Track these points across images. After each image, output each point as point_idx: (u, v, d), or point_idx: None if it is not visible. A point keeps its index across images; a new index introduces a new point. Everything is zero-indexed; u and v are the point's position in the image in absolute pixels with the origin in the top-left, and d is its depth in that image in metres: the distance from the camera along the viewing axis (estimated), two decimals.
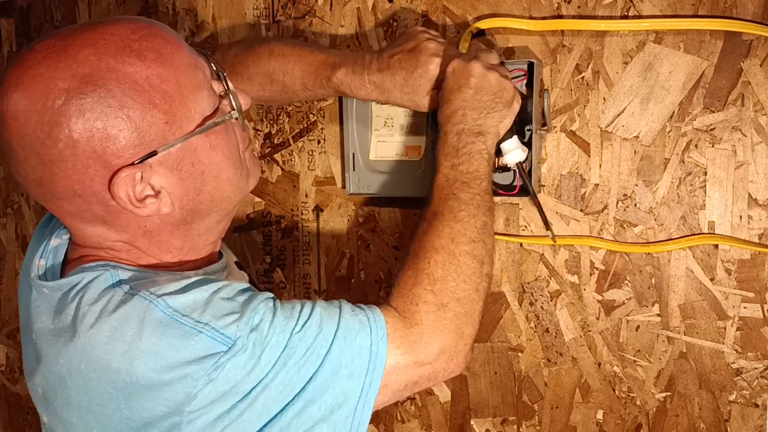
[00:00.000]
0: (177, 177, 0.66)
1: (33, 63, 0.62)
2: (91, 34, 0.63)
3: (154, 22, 0.67)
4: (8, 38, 1.26)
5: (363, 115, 0.97)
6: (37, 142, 0.61)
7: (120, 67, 0.62)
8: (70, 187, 0.64)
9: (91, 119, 0.61)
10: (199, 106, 0.66)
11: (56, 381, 0.66)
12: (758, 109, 0.84)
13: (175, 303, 0.63)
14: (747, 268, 0.86)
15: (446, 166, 0.78)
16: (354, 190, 0.99)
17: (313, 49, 0.88)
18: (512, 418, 0.99)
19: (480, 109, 0.79)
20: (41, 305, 0.69)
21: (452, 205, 0.76)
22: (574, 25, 0.88)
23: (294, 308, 0.67)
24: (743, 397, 0.88)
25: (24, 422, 1.38)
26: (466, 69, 0.79)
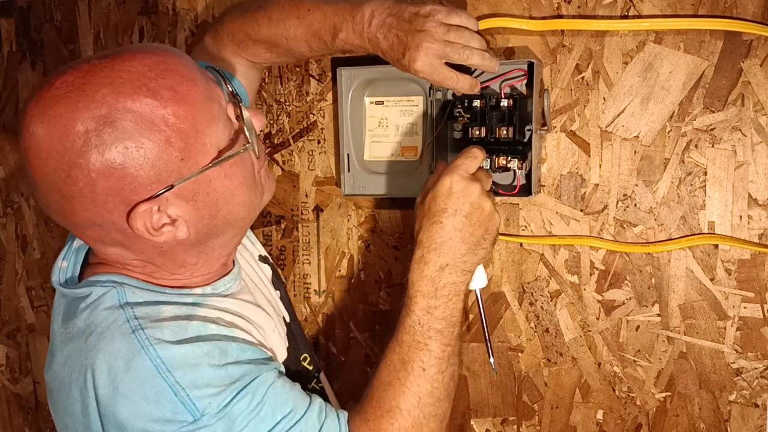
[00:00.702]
0: (192, 207, 0.68)
1: (53, 101, 0.63)
2: (108, 72, 0.63)
3: (170, 53, 0.67)
4: (8, 38, 1.26)
5: (357, 116, 0.97)
6: (58, 179, 0.63)
7: (137, 107, 0.63)
8: (90, 219, 0.66)
9: (110, 159, 0.63)
10: (214, 139, 0.68)
11: (59, 385, 0.70)
12: (758, 109, 0.83)
13: (164, 354, 0.65)
14: (747, 268, 0.86)
15: (421, 306, 0.76)
16: (349, 191, 0.98)
17: (310, 6, 0.83)
18: (512, 418, 0.99)
19: (470, 243, 0.76)
20: (60, 305, 0.74)
21: (423, 358, 0.75)
22: (574, 25, 0.88)
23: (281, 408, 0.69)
24: (743, 397, 0.88)
25: (24, 422, 1.38)
26: (465, 192, 0.76)
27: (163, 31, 1.12)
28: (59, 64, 1.21)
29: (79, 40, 1.19)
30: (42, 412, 1.36)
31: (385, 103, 0.96)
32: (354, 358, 1.07)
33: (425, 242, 0.76)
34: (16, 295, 1.33)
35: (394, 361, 0.76)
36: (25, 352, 1.35)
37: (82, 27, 1.18)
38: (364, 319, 1.05)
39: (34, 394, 1.36)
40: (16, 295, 1.33)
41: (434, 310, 0.75)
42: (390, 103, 0.95)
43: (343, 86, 0.95)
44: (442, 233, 0.76)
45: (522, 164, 0.88)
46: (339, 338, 1.07)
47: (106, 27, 1.16)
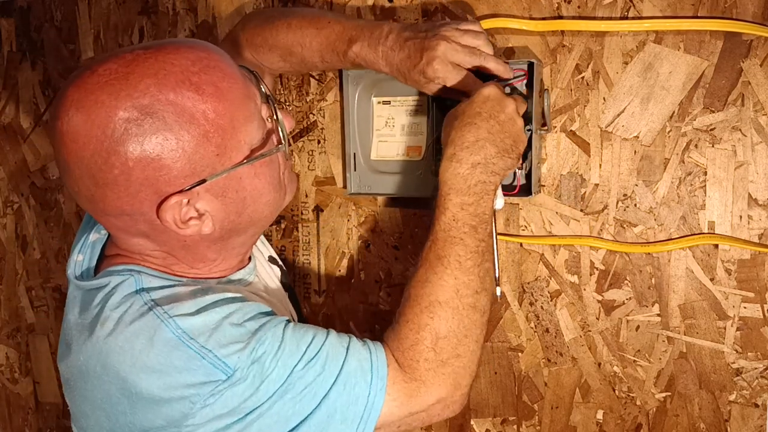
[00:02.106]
0: (221, 202, 0.69)
1: (95, 87, 0.63)
2: (153, 63, 0.64)
3: (212, 50, 0.68)
4: (8, 38, 1.26)
5: (364, 115, 0.97)
6: (94, 165, 0.64)
7: (179, 100, 0.64)
8: (120, 207, 0.66)
9: (148, 149, 0.63)
10: (248, 137, 0.69)
11: (77, 374, 0.70)
12: (758, 109, 0.84)
13: (185, 324, 0.65)
14: (747, 268, 0.86)
15: (455, 203, 0.75)
16: (355, 189, 0.99)
17: (331, 20, 0.86)
18: (512, 418, 0.99)
19: (501, 148, 0.77)
20: (76, 298, 0.74)
21: (459, 252, 0.75)
22: (574, 25, 0.88)
23: (303, 339, 0.69)
24: (743, 397, 0.88)
25: (24, 422, 1.38)
26: (501, 102, 0.77)
27: (163, 31, 1.12)
28: (59, 64, 1.21)
29: (79, 40, 1.19)
30: (42, 412, 1.36)
31: (392, 103, 0.96)
32: None
33: (457, 141, 0.77)
34: (16, 295, 1.33)
35: (430, 258, 0.75)
36: (25, 352, 1.35)
37: (82, 27, 1.18)
38: (364, 319, 1.06)
39: (34, 394, 1.36)
40: (16, 295, 1.33)
41: (468, 207, 0.75)
42: (397, 103, 0.96)
43: (349, 86, 0.96)
44: (477, 133, 0.76)
45: (522, 164, 0.88)
46: None
47: (106, 27, 1.16)
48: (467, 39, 0.80)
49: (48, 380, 1.33)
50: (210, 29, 1.08)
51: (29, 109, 1.26)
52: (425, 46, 0.79)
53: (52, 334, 1.31)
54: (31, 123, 1.26)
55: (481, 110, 0.77)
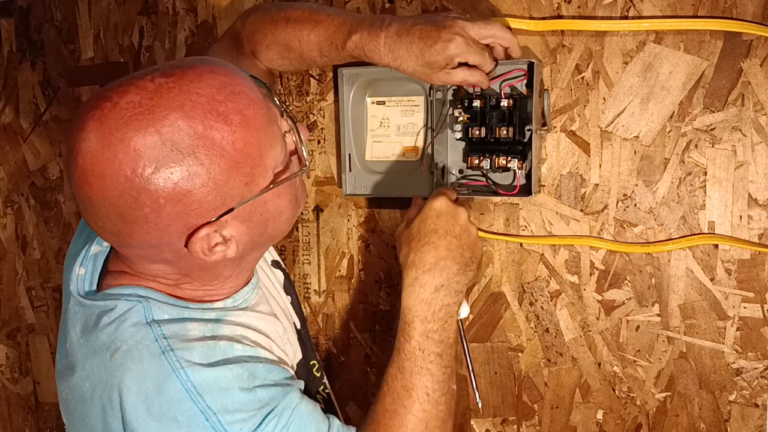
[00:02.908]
0: (247, 227, 0.68)
1: (120, 123, 0.60)
2: (177, 93, 0.61)
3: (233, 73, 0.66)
4: (8, 38, 1.26)
5: (358, 116, 0.97)
6: (123, 204, 0.61)
7: (208, 133, 0.62)
8: (147, 241, 0.65)
9: (179, 185, 0.61)
10: (273, 161, 0.67)
11: (79, 399, 0.70)
12: (758, 109, 0.84)
13: (195, 378, 0.65)
14: (747, 268, 0.86)
15: (420, 332, 0.76)
16: (350, 191, 0.98)
17: (330, 13, 0.84)
18: (512, 418, 0.99)
19: (461, 263, 0.77)
20: (78, 314, 0.72)
21: (426, 384, 0.75)
22: (574, 25, 0.88)
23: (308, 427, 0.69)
24: (743, 397, 0.88)
25: (24, 422, 1.38)
26: (454, 214, 0.78)
27: (163, 31, 1.12)
28: (59, 64, 1.21)
29: (79, 40, 1.19)
30: (42, 412, 1.36)
31: (386, 103, 0.96)
32: (354, 358, 1.07)
33: (418, 264, 0.77)
34: (16, 295, 1.33)
35: (397, 388, 0.76)
36: (25, 352, 1.35)
37: (82, 27, 1.18)
38: (364, 319, 1.06)
39: (34, 394, 1.36)
40: (16, 295, 1.33)
41: (433, 334, 0.76)
42: (391, 103, 0.95)
43: (344, 86, 0.95)
44: (436, 253, 0.76)
45: (522, 164, 0.88)
46: (339, 338, 1.07)
47: (106, 27, 1.16)
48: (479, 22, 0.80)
49: (48, 380, 1.33)
50: (210, 29, 1.08)
51: (29, 109, 1.26)
52: (442, 26, 0.78)
53: (52, 334, 1.31)
54: (31, 123, 1.26)
55: (436, 227, 0.77)
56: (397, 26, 0.80)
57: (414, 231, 0.79)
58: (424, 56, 0.79)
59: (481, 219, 0.96)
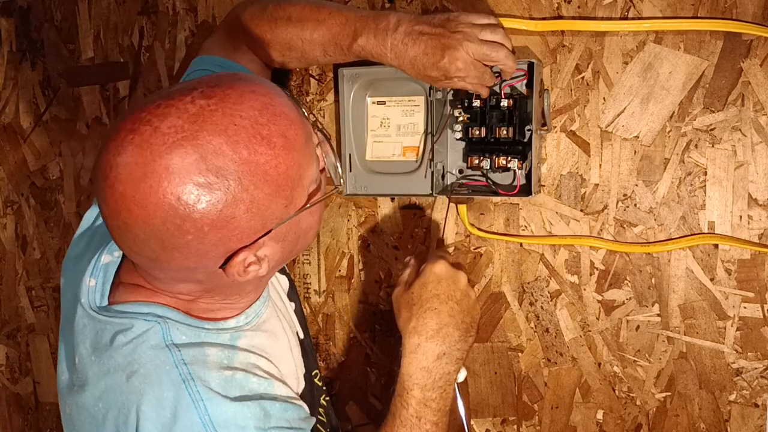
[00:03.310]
0: (280, 246, 0.67)
1: (162, 149, 0.58)
2: (220, 117, 0.59)
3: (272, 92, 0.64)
4: (8, 38, 1.26)
5: (359, 116, 0.97)
6: (165, 232, 0.60)
7: (252, 158, 0.60)
8: (185, 266, 0.64)
9: (223, 212, 0.60)
10: (309, 180, 0.66)
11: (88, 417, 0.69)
12: (758, 109, 0.84)
13: (214, 412, 0.65)
14: (747, 268, 0.86)
15: (418, 399, 0.75)
16: (351, 190, 0.98)
17: (332, 10, 0.82)
18: (512, 418, 0.99)
19: (462, 330, 0.77)
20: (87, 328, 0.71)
21: None
22: (574, 25, 0.88)
23: None
24: (743, 397, 0.88)
25: (24, 422, 1.38)
26: (455, 279, 0.78)
27: (163, 31, 1.12)
28: (59, 64, 1.21)
29: (79, 40, 1.19)
30: (42, 412, 1.36)
31: (387, 103, 0.96)
32: (354, 358, 1.07)
33: (420, 330, 0.76)
34: (16, 295, 1.33)
35: None
36: (25, 352, 1.35)
37: (82, 27, 1.18)
38: (364, 319, 1.06)
39: (34, 394, 1.36)
40: (16, 295, 1.33)
41: (431, 402, 0.75)
42: (392, 103, 0.96)
43: (344, 86, 0.95)
44: (438, 319, 0.76)
45: (522, 164, 0.88)
46: (339, 338, 1.07)
47: (106, 27, 1.16)
48: (486, 34, 0.78)
49: (48, 380, 1.33)
50: (210, 29, 1.08)
51: (29, 109, 1.26)
52: (446, 44, 0.77)
53: (52, 334, 1.31)
54: (31, 123, 1.26)
55: (438, 292, 0.77)
56: (403, 32, 0.79)
57: (415, 296, 0.78)
58: (426, 70, 0.79)
59: (481, 219, 0.96)
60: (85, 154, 1.22)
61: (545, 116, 0.90)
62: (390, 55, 0.80)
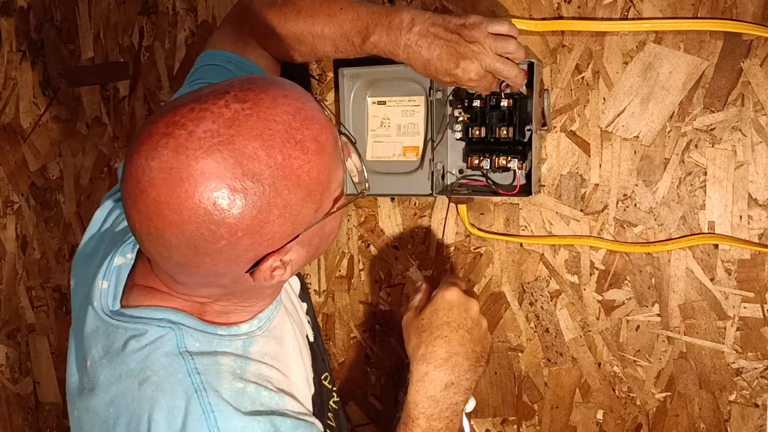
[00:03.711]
0: (306, 250, 0.67)
1: (199, 154, 0.57)
2: (255, 121, 0.59)
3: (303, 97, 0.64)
4: (8, 38, 1.26)
5: (359, 116, 0.97)
6: (199, 238, 0.59)
7: (286, 162, 0.60)
8: (214, 271, 0.63)
9: (257, 217, 0.59)
10: (336, 184, 0.66)
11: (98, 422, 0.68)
12: (758, 109, 0.84)
13: (223, 425, 0.64)
14: (747, 268, 0.86)
15: (423, 428, 0.74)
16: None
17: (343, 5, 0.81)
18: (512, 418, 0.99)
19: (472, 360, 0.76)
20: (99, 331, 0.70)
21: None
22: (574, 25, 0.88)
23: None
24: (743, 397, 0.88)
25: (24, 422, 1.38)
26: (466, 307, 0.77)
27: (163, 31, 1.12)
28: (59, 64, 1.21)
29: (79, 40, 1.19)
30: (42, 412, 1.36)
31: (387, 103, 0.96)
32: (354, 358, 1.07)
33: (429, 358, 0.76)
34: (16, 295, 1.33)
35: None
36: (25, 352, 1.35)
37: (82, 27, 1.18)
38: (364, 319, 1.06)
39: (34, 394, 1.36)
40: (16, 295, 1.33)
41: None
42: (392, 103, 0.96)
43: (344, 86, 0.95)
44: (448, 348, 0.75)
45: (522, 164, 0.88)
46: (339, 338, 1.07)
47: (106, 27, 1.16)
48: (500, 46, 0.77)
49: (48, 380, 1.33)
50: (210, 29, 1.08)
51: (29, 109, 1.26)
52: (462, 54, 0.76)
53: (52, 334, 1.31)
54: (31, 123, 1.26)
55: (449, 320, 0.76)
56: (417, 33, 0.77)
57: (425, 322, 0.77)
58: (438, 74, 0.79)
59: (481, 219, 0.96)
60: (85, 154, 1.22)
61: (545, 116, 0.90)
62: (402, 54, 0.79)
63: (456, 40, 0.76)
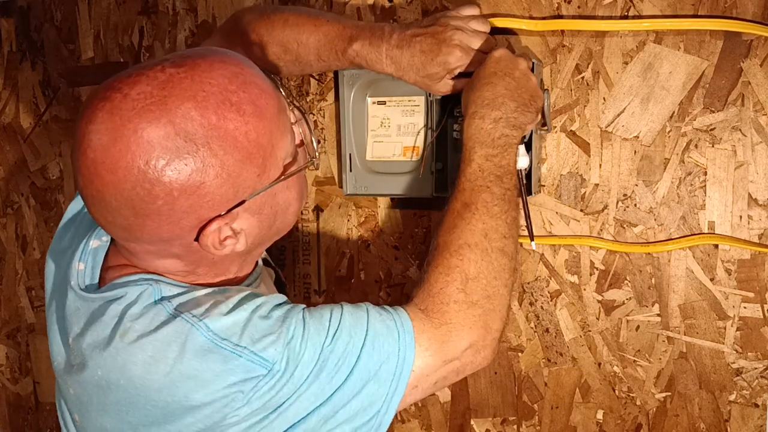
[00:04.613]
0: (257, 219, 0.68)
1: (132, 114, 0.59)
2: (189, 84, 0.61)
3: (243, 63, 0.66)
4: (8, 38, 1.26)
5: (359, 116, 0.97)
6: (136, 197, 0.61)
7: (221, 123, 0.61)
8: (158, 235, 0.64)
9: (193, 177, 0.61)
10: (283, 151, 0.67)
11: (92, 389, 0.68)
12: (758, 109, 0.84)
13: (215, 326, 0.64)
14: (747, 268, 0.86)
15: (480, 155, 0.77)
16: (351, 190, 0.99)
17: (329, 19, 0.85)
18: (512, 418, 0.99)
19: (519, 102, 0.78)
20: (80, 309, 0.71)
21: (486, 198, 0.75)
22: (574, 25, 0.88)
23: (323, 317, 0.68)
24: (743, 397, 0.88)
25: (24, 422, 1.38)
26: (513, 61, 0.79)
27: (163, 31, 1.12)
28: (59, 64, 1.21)
29: (79, 40, 1.19)
30: (42, 412, 1.36)
31: (387, 103, 0.96)
32: None
33: (477, 100, 0.78)
34: (16, 295, 1.33)
35: (457, 207, 0.76)
36: (25, 352, 1.35)
37: (82, 27, 1.18)
38: None
39: (34, 394, 1.36)
40: (16, 295, 1.33)
41: (493, 158, 0.76)
42: (392, 103, 0.96)
43: (344, 86, 0.96)
44: (494, 90, 0.78)
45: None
46: None
47: (106, 27, 1.16)
48: (475, 24, 0.83)
49: (48, 380, 1.33)
50: (210, 29, 1.08)
51: (29, 109, 1.26)
52: (441, 39, 0.80)
53: None
54: (31, 123, 1.26)
55: (495, 70, 0.78)
56: (397, 37, 0.82)
57: (475, 77, 0.80)
58: (425, 68, 0.81)
59: None
60: None
61: (545, 116, 0.90)
62: (386, 61, 0.82)
63: (432, 31, 0.81)
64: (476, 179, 0.76)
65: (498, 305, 0.74)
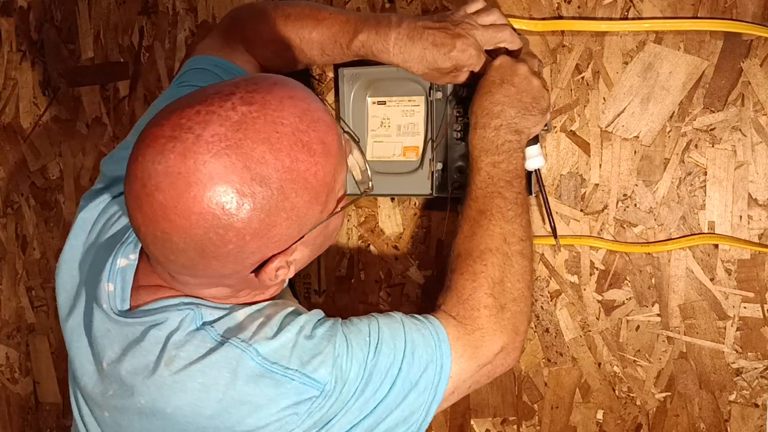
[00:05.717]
0: (310, 249, 0.68)
1: (207, 157, 0.57)
2: (263, 125, 0.59)
3: (309, 98, 0.64)
4: (8, 38, 1.26)
5: (359, 116, 0.97)
6: (207, 242, 0.59)
7: (294, 165, 0.60)
8: (220, 273, 0.64)
9: (264, 221, 0.60)
10: (341, 184, 0.68)
11: (134, 416, 0.68)
12: (758, 109, 0.84)
13: (264, 350, 0.65)
14: (747, 268, 0.86)
15: (487, 162, 0.78)
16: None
17: (332, 12, 0.84)
18: (512, 418, 0.99)
19: (519, 108, 0.79)
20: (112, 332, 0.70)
21: (500, 204, 0.77)
22: (574, 25, 0.88)
23: (361, 332, 0.70)
24: (743, 397, 0.88)
25: (24, 422, 1.38)
26: (512, 67, 0.80)
27: (163, 31, 1.12)
28: (59, 64, 1.21)
29: (79, 40, 1.19)
30: (42, 412, 1.36)
31: (387, 103, 0.96)
32: None
33: (478, 111, 0.80)
34: (16, 295, 1.33)
35: (472, 215, 0.78)
36: (25, 352, 1.35)
37: (82, 27, 1.18)
38: None
39: (34, 394, 1.36)
40: (16, 295, 1.33)
41: (500, 164, 0.78)
42: (392, 103, 0.96)
43: (344, 86, 0.96)
44: (492, 99, 0.79)
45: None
46: None
47: (106, 27, 1.16)
48: (484, 19, 0.82)
49: (48, 380, 1.33)
50: (210, 29, 1.08)
51: (29, 109, 1.26)
52: (456, 34, 0.80)
53: (52, 334, 1.31)
54: (31, 123, 1.26)
55: (494, 79, 0.80)
56: (407, 28, 0.80)
57: (477, 87, 0.81)
58: (436, 63, 0.81)
59: None
60: (85, 154, 1.22)
61: None
62: (393, 50, 0.80)
63: (445, 26, 0.80)
64: (487, 186, 0.77)
65: (524, 307, 0.76)
